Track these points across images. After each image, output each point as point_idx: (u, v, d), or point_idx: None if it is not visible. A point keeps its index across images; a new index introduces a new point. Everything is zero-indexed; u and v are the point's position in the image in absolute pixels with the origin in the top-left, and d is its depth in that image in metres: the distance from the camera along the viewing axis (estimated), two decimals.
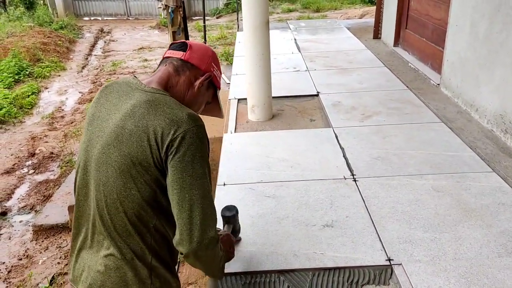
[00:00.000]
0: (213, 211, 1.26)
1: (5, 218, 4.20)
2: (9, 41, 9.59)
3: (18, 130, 6.19)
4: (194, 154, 1.20)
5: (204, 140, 1.24)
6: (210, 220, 1.23)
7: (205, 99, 1.45)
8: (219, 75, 1.47)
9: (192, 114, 1.25)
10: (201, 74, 1.38)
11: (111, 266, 1.28)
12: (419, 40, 4.93)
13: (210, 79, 1.42)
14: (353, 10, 12.66)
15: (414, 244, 2.04)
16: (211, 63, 1.41)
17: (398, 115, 3.55)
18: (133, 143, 1.22)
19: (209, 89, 1.45)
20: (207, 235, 1.21)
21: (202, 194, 1.21)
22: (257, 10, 3.28)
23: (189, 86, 1.37)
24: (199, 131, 1.22)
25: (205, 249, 1.23)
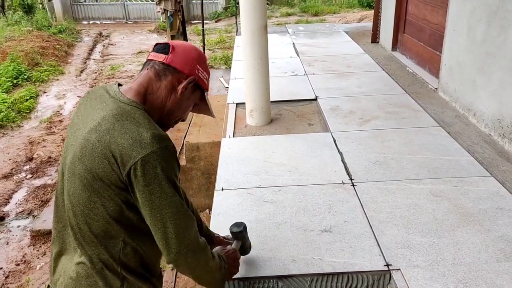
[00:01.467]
0: (188, 221, 1.27)
1: (3, 223, 4.19)
2: (7, 45, 9.61)
3: (16, 134, 6.19)
4: (160, 176, 1.18)
5: (170, 160, 1.21)
6: (185, 231, 1.25)
7: (191, 103, 1.40)
8: (206, 76, 1.40)
9: (157, 135, 1.19)
10: (185, 78, 1.32)
11: (82, 274, 1.28)
12: (417, 44, 4.94)
13: (195, 82, 1.35)
14: (351, 14, 12.70)
15: (413, 249, 2.04)
16: (195, 65, 1.34)
17: (396, 120, 3.55)
18: (94, 158, 1.19)
19: (195, 91, 1.39)
20: (184, 244, 1.25)
21: (173, 211, 1.22)
22: (255, 14, 3.29)
23: (171, 91, 1.32)
24: (163, 152, 1.18)
25: (185, 257, 1.26)
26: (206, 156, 3.99)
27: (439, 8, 4.34)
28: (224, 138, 3.38)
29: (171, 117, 1.38)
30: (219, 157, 3.08)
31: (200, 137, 4.02)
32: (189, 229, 1.26)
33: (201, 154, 3.99)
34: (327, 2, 15.49)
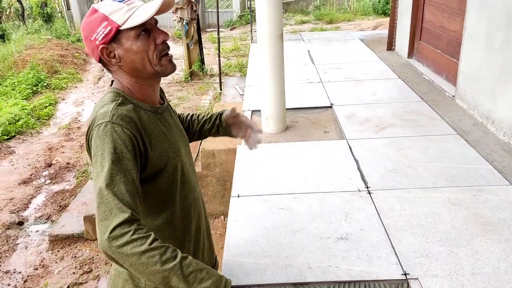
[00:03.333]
0: (111, 210, 1.12)
1: (22, 228, 4.27)
2: (27, 53, 9.83)
3: (35, 140, 6.31)
4: (96, 152, 1.20)
5: (105, 138, 1.19)
6: (107, 221, 1.11)
7: (133, 44, 1.25)
8: (103, 25, 1.24)
9: (103, 112, 1.22)
10: (99, 52, 1.26)
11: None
12: (433, 51, 4.91)
13: (106, 46, 1.25)
14: (366, 22, 12.68)
15: (431, 258, 2.02)
16: (90, 43, 1.26)
17: (413, 127, 3.53)
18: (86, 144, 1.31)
19: (119, 37, 1.25)
20: (104, 236, 1.10)
21: (97, 192, 1.15)
22: (271, 23, 3.31)
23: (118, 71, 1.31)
24: (100, 129, 1.20)
25: (107, 246, 1.10)
26: (222, 163, 4.01)
27: (456, 16, 4.31)
28: (239, 146, 3.40)
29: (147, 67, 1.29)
30: (235, 164, 3.10)
31: (216, 144, 4.04)
32: (112, 217, 1.11)
33: (216, 161, 4.02)
34: (341, 9, 15.49)
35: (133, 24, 1.23)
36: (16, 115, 6.75)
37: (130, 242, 1.09)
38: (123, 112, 1.24)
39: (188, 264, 1.15)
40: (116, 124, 1.21)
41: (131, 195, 1.16)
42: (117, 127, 1.20)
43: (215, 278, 1.18)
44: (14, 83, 8.34)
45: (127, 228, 1.11)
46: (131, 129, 1.23)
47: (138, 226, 1.13)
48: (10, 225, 4.25)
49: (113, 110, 1.23)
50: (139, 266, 1.11)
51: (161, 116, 1.38)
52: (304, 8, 16.32)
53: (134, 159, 1.21)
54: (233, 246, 2.18)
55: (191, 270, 1.15)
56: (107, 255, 1.13)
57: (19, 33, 13.17)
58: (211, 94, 7.86)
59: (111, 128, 1.20)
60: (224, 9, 15.02)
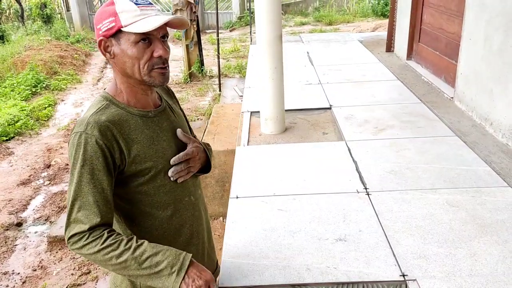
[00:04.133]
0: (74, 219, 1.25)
1: (21, 229, 4.26)
2: (26, 54, 9.82)
3: (34, 141, 6.31)
4: (70, 159, 1.27)
5: (77, 147, 1.24)
6: (70, 226, 1.26)
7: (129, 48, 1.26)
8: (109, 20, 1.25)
9: (80, 120, 1.28)
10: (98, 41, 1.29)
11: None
12: (432, 53, 4.92)
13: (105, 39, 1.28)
14: (365, 23, 12.70)
15: (429, 260, 2.02)
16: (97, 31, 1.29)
17: (411, 129, 3.53)
18: None
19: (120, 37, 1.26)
20: (66, 237, 1.27)
21: (68, 200, 1.28)
22: (270, 24, 3.32)
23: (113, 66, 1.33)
24: (74, 138, 1.26)
25: (69, 247, 1.28)
26: (221, 164, 4.01)
27: (455, 17, 4.32)
28: (238, 147, 3.41)
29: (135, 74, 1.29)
30: (234, 165, 3.10)
31: (215, 145, 4.04)
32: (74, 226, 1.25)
33: (215, 162, 4.01)
34: (341, 11, 15.53)
35: (134, 30, 1.24)
36: (15, 116, 6.75)
37: (86, 245, 1.23)
38: (101, 119, 1.26)
39: (142, 251, 1.25)
40: (89, 135, 1.24)
41: (98, 205, 1.25)
42: (89, 138, 1.24)
43: (171, 258, 1.26)
44: (13, 84, 8.33)
45: (82, 234, 1.24)
46: (104, 140, 1.25)
47: (94, 231, 1.25)
48: (9, 226, 4.24)
49: (90, 118, 1.27)
50: (100, 263, 1.26)
51: (151, 120, 1.37)
52: (304, 9, 16.35)
53: (106, 169, 1.27)
54: (231, 247, 2.18)
55: (146, 256, 1.24)
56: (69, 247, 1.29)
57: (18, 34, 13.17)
58: (210, 96, 7.86)
59: (84, 140, 1.25)
60: (223, 11, 15.04)
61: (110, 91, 1.36)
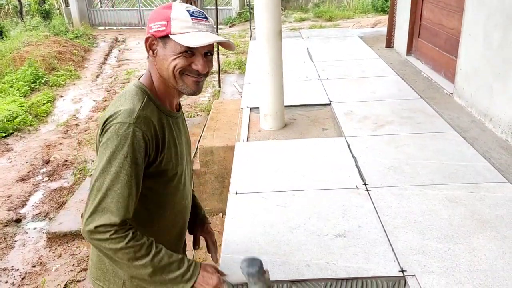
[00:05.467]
0: (105, 207, 1.21)
1: (20, 225, 4.26)
2: (25, 50, 9.79)
3: (33, 137, 6.30)
4: (108, 148, 1.23)
5: (123, 138, 1.22)
6: (97, 215, 1.21)
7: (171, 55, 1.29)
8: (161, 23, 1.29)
9: (128, 110, 1.25)
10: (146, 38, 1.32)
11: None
12: (432, 49, 4.91)
13: (153, 38, 1.30)
14: (365, 19, 12.68)
15: (428, 255, 2.02)
16: (149, 26, 1.33)
17: (411, 125, 3.53)
18: (99, 130, 1.31)
19: (166, 42, 1.29)
20: (88, 226, 1.21)
21: (99, 187, 1.22)
22: (270, 20, 3.31)
23: (153, 62, 1.35)
24: (120, 128, 1.23)
25: (88, 238, 1.23)
26: (220, 160, 4.01)
27: (454, 13, 4.31)
28: (238, 143, 3.40)
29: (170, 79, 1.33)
30: (233, 162, 3.10)
31: (214, 141, 4.04)
32: (102, 214, 1.20)
33: (215, 158, 4.01)
34: (341, 7, 15.49)
35: (180, 41, 1.26)
36: (14, 112, 6.73)
37: (110, 240, 1.20)
38: (147, 115, 1.28)
39: (160, 259, 1.26)
40: (138, 129, 1.24)
41: (130, 199, 1.23)
42: (138, 131, 1.24)
43: (183, 269, 1.30)
44: (12, 80, 8.31)
45: (109, 228, 1.20)
46: (149, 135, 1.27)
47: (120, 227, 1.21)
48: (8, 222, 4.24)
49: (139, 112, 1.26)
50: (115, 260, 1.24)
51: (175, 122, 1.42)
52: (303, 5, 16.30)
53: (144, 164, 1.27)
54: (230, 243, 2.18)
55: (163, 264, 1.27)
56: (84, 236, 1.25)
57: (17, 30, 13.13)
58: (210, 92, 7.85)
59: (132, 132, 1.23)
60: (223, 6, 14.98)
61: (146, 84, 1.37)
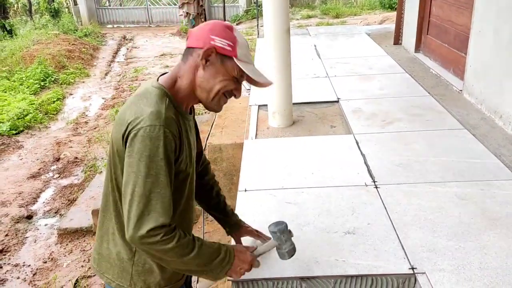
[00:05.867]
0: (152, 210, 1.23)
1: (31, 222, 4.31)
2: (35, 48, 9.88)
3: (43, 135, 6.36)
4: (142, 153, 1.23)
5: (156, 141, 1.23)
6: (145, 219, 1.22)
7: (224, 74, 1.35)
8: (227, 43, 1.33)
9: (155, 112, 1.25)
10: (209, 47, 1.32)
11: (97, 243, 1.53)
12: (441, 46, 4.88)
13: (214, 52, 1.32)
14: (372, 16, 12.60)
15: (438, 253, 2.02)
16: (208, 36, 1.32)
17: (420, 122, 3.52)
18: (115, 132, 1.33)
19: (225, 62, 1.33)
20: (139, 233, 1.22)
21: (141, 193, 1.23)
22: (278, 18, 3.31)
23: (195, 69, 1.35)
24: (151, 130, 1.23)
25: (139, 244, 1.25)
26: (229, 158, 4.02)
27: (464, 9, 4.28)
28: (246, 140, 3.41)
29: (207, 93, 1.37)
30: (242, 159, 3.11)
31: (223, 138, 4.05)
32: (149, 219, 1.22)
33: (223, 155, 4.02)
34: (348, 4, 15.41)
35: (245, 70, 1.34)
36: (24, 110, 6.80)
37: (162, 241, 1.24)
38: (171, 116, 1.29)
39: (203, 251, 1.35)
40: (167, 130, 1.25)
41: (170, 199, 1.27)
42: (168, 132, 1.26)
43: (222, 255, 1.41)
44: (22, 78, 8.39)
45: (159, 230, 1.23)
46: (176, 135, 1.29)
47: (169, 227, 1.25)
48: (19, 219, 4.29)
49: (165, 113, 1.27)
50: (164, 259, 1.29)
51: (189, 124, 1.44)
52: (310, 2, 16.24)
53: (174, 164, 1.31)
54: None
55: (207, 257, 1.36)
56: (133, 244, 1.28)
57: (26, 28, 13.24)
58: None
59: (164, 133, 1.24)
60: (230, 4, 14.99)
61: (167, 85, 1.36)
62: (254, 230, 1.88)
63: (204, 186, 1.78)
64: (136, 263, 1.42)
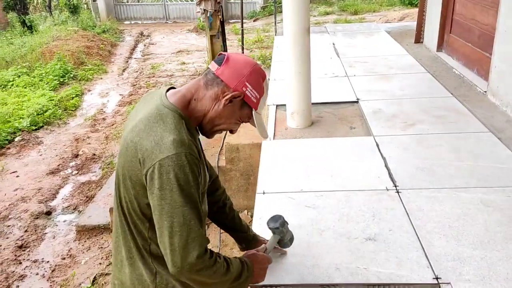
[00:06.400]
0: (195, 237, 1.23)
1: (50, 218, 4.37)
2: (54, 44, 9.99)
3: (62, 131, 6.43)
4: (172, 183, 1.21)
5: (185, 168, 1.22)
6: (191, 247, 1.23)
7: (236, 118, 1.40)
8: (256, 95, 1.37)
9: (178, 141, 1.22)
10: (231, 92, 1.33)
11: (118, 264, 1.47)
12: (464, 45, 4.76)
13: (241, 98, 1.35)
14: (392, 13, 12.40)
15: (463, 262, 1.96)
16: (244, 82, 1.34)
17: (443, 124, 3.43)
18: (127, 157, 1.29)
19: (243, 108, 1.38)
20: (187, 261, 1.22)
21: (181, 222, 1.22)
22: (298, 17, 3.26)
23: (215, 102, 1.35)
24: (178, 159, 1.21)
25: (188, 273, 1.24)
26: (246, 158, 4.00)
27: (489, 8, 4.16)
28: (264, 141, 3.38)
29: (213, 126, 1.40)
30: (260, 160, 3.08)
31: (240, 138, 4.03)
32: (195, 245, 1.23)
33: (240, 155, 4.00)
34: (366, 0, 15.20)
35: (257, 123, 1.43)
36: (44, 106, 6.89)
37: (208, 266, 1.27)
38: (191, 140, 1.29)
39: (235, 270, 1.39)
40: (192, 155, 1.25)
41: (203, 222, 1.29)
42: (194, 158, 1.25)
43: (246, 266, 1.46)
44: (41, 74, 8.50)
45: (204, 255, 1.26)
46: (198, 159, 1.28)
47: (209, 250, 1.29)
48: (39, 214, 4.35)
49: (187, 138, 1.26)
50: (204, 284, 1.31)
51: (200, 144, 1.44)
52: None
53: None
54: None
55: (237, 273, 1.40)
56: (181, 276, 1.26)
57: (46, 24, 13.40)
58: None
59: (191, 160, 1.24)
60: (247, 0, 14.92)
61: (180, 106, 1.33)
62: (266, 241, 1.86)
63: (216, 202, 1.73)
64: (159, 285, 1.38)
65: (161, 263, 1.37)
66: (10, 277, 3.50)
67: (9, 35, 12.26)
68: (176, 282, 1.39)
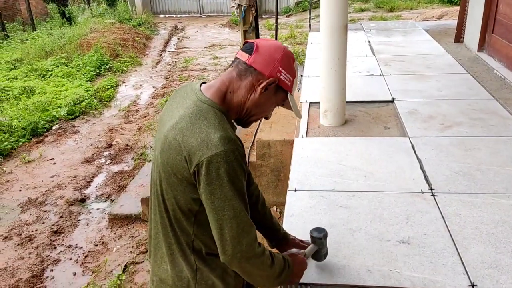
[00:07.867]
0: (245, 227, 1.27)
1: (84, 205, 4.50)
2: (92, 36, 10.25)
3: (97, 121, 6.60)
4: (222, 178, 1.22)
5: (233, 163, 1.23)
6: (242, 237, 1.26)
7: (272, 103, 1.42)
8: (290, 78, 1.38)
9: (224, 137, 1.23)
10: (265, 79, 1.34)
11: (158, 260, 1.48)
12: (507, 46, 4.58)
13: (276, 84, 1.36)
14: (430, 11, 12.07)
15: (501, 271, 1.89)
16: (277, 67, 1.34)
17: (482, 127, 3.32)
18: (170, 154, 1.28)
19: (278, 93, 1.39)
20: (237, 249, 1.26)
21: (232, 215, 1.25)
22: (336, 13, 3.21)
23: (250, 91, 1.35)
24: (227, 155, 1.22)
25: (238, 261, 1.28)
26: (277, 154, 3.99)
27: None
28: (296, 138, 3.36)
29: (251, 115, 1.42)
30: (292, 157, 3.06)
31: (272, 134, 4.02)
32: (245, 234, 1.27)
33: (271, 151, 4.00)
34: None
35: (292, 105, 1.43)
36: (81, 96, 7.09)
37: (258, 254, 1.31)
38: (235, 134, 1.31)
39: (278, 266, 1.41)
40: (239, 151, 1.27)
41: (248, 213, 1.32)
42: (241, 153, 1.28)
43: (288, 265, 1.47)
44: (79, 64, 8.74)
45: (255, 243, 1.30)
46: (243, 153, 1.30)
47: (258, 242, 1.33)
48: (73, 201, 4.48)
49: (231, 134, 1.27)
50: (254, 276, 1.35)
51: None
52: None
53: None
54: None
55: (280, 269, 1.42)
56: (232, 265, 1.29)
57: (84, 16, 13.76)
58: None
59: (238, 155, 1.26)
60: None
61: (217, 100, 1.33)
62: (299, 241, 1.83)
63: (249, 197, 1.67)
64: (199, 281, 1.39)
65: (202, 259, 1.38)
66: (45, 261, 3.63)
67: (48, 25, 12.67)
68: (216, 279, 1.40)
